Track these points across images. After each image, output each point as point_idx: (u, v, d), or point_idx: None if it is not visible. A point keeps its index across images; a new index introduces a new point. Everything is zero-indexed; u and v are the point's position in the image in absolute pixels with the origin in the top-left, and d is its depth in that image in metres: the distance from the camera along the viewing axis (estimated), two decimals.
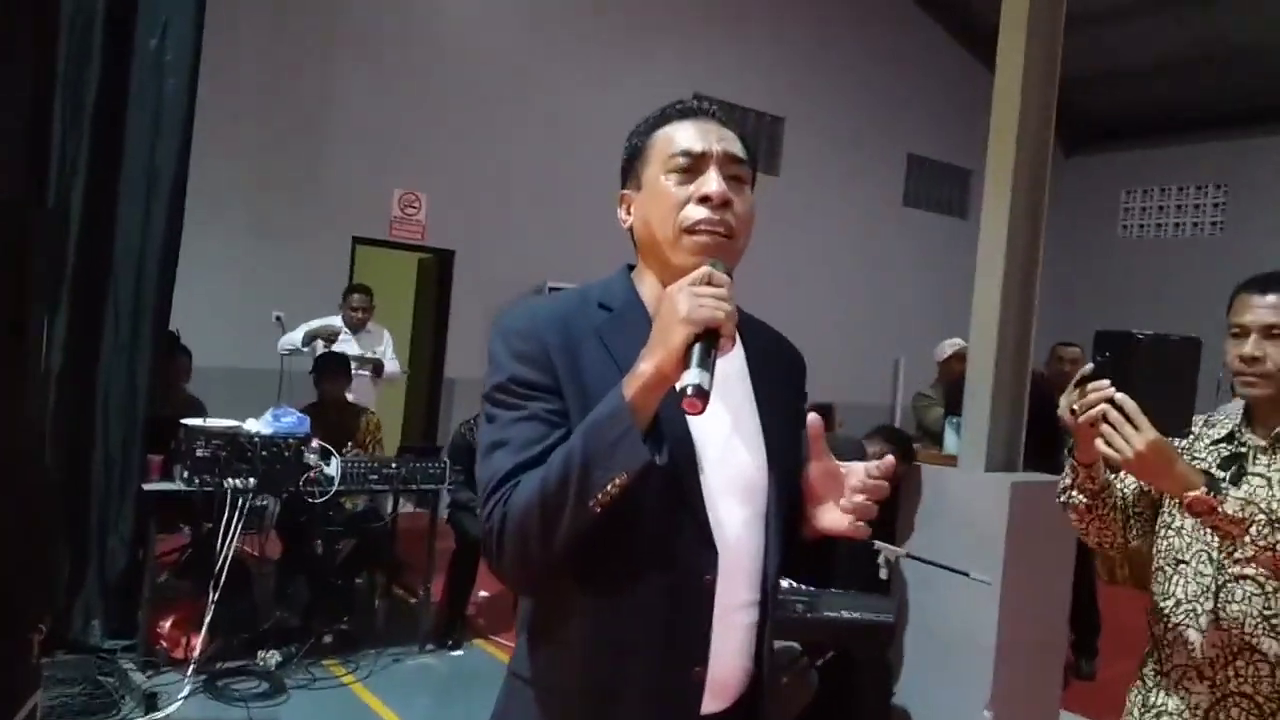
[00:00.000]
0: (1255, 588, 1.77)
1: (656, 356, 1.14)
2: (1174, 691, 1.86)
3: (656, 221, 1.30)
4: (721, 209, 1.27)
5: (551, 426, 1.23)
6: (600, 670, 1.26)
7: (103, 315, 4.30)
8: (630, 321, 1.31)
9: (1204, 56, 10.75)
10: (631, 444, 1.13)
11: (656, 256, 1.33)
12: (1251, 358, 1.81)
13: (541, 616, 1.32)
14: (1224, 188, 11.82)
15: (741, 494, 1.31)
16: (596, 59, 9.06)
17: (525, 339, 1.27)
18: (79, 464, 4.26)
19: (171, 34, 4.33)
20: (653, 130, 1.36)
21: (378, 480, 4.63)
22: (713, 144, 1.31)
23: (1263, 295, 1.82)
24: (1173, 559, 1.90)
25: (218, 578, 4.03)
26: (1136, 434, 1.59)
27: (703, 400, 1.09)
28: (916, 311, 10.93)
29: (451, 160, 8.28)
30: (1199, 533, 1.84)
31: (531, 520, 1.17)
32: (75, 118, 4.14)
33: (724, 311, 1.13)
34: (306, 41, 7.63)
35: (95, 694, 3.83)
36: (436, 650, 4.78)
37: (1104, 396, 1.63)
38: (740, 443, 1.33)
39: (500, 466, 1.22)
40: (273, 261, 7.49)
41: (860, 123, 11.09)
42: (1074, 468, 1.86)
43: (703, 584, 1.26)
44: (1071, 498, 1.92)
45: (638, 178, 1.36)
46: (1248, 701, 1.77)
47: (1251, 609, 1.77)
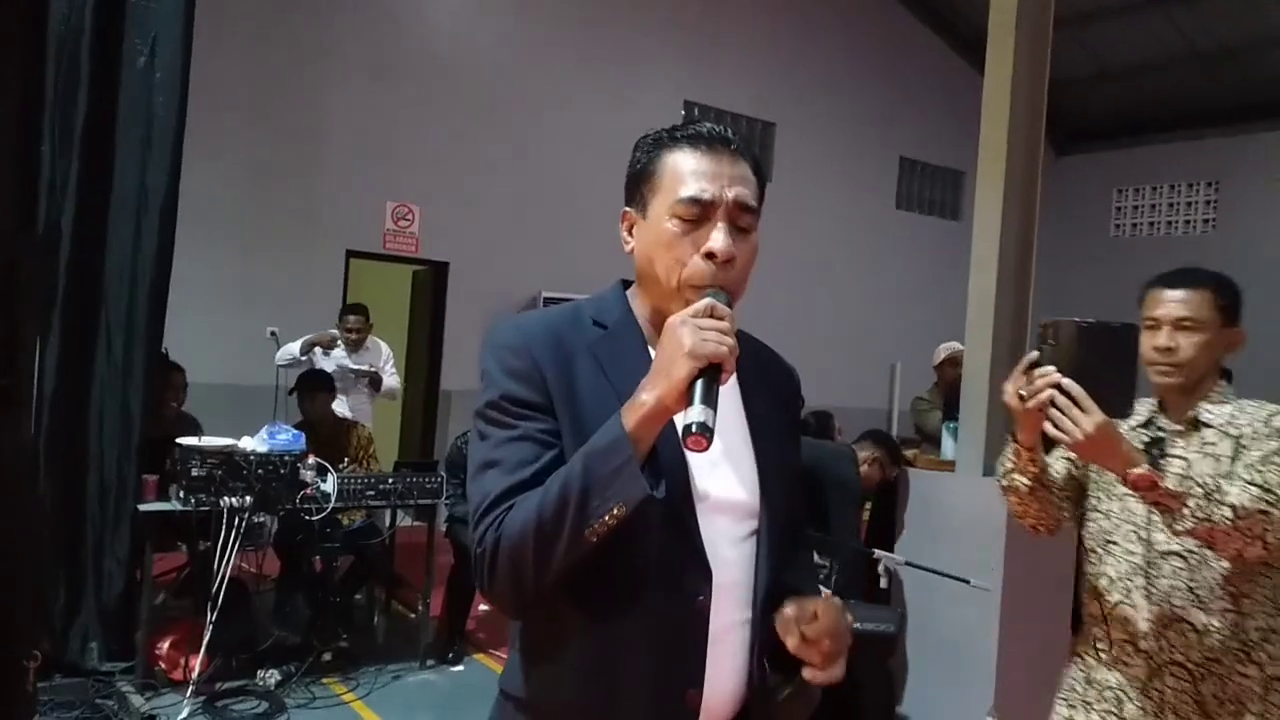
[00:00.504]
0: (1181, 563, 1.90)
1: (659, 388, 1.13)
2: (1114, 667, 1.98)
3: (660, 267, 1.27)
4: (725, 266, 1.25)
5: (544, 447, 1.22)
6: (594, 692, 1.25)
7: (95, 336, 4.28)
8: (624, 341, 1.31)
9: (1193, 54, 10.79)
10: (631, 475, 1.12)
11: (655, 294, 1.31)
12: (1165, 348, 1.94)
13: (534, 636, 1.31)
14: (1215, 185, 11.85)
15: (734, 516, 1.30)
16: (588, 69, 9.07)
17: (518, 355, 1.26)
18: (74, 486, 4.24)
19: (160, 52, 4.32)
20: (662, 149, 1.30)
21: (375, 496, 4.61)
22: (724, 190, 1.26)
23: (1173, 290, 1.97)
24: (1102, 540, 2.03)
25: (215, 597, 4.00)
26: (1085, 417, 1.68)
27: (708, 438, 1.09)
28: (912, 315, 10.93)
29: (444, 172, 8.28)
30: (1126, 514, 1.98)
31: (526, 546, 1.16)
32: (65, 139, 4.13)
33: (727, 346, 1.13)
34: (296, 56, 7.62)
35: (94, 718, 3.81)
36: (437, 666, 4.76)
37: (1051, 382, 1.72)
38: (732, 465, 1.32)
39: (492, 488, 1.21)
40: (266, 277, 7.48)
41: (851, 127, 11.10)
42: (1016, 451, 1.95)
43: (696, 605, 1.25)
44: (1013, 480, 2.00)
45: (644, 202, 1.31)
46: (1181, 669, 1.89)
47: (1179, 582, 1.89)
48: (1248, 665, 1.86)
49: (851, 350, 10.71)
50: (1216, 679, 1.87)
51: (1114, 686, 1.98)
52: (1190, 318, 1.94)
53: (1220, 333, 1.96)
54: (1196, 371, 1.95)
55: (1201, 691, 1.88)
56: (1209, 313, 1.95)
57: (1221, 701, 1.87)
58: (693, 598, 1.25)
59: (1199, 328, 1.94)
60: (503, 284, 8.34)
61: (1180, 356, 1.94)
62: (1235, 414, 1.94)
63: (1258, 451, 1.84)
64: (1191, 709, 1.89)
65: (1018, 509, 2.06)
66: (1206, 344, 1.94)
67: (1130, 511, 1.98)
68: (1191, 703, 1.89)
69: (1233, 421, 1.93)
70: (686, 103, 9.83)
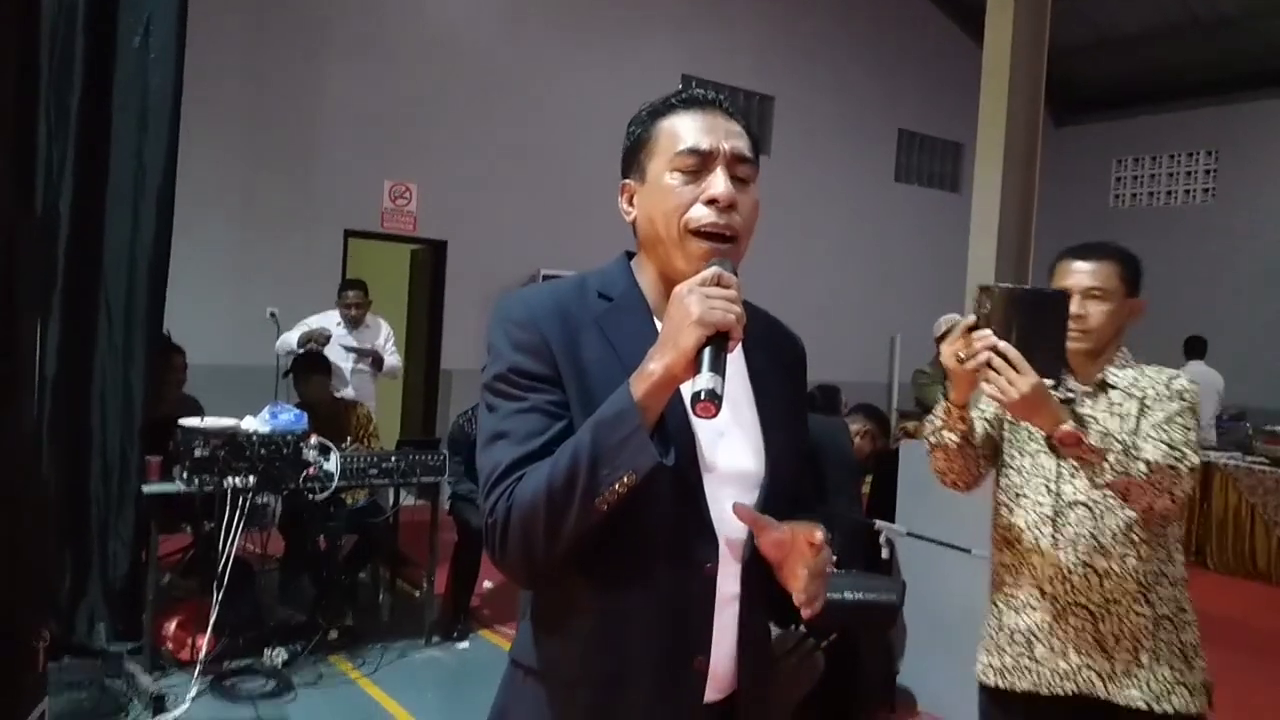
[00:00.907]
0: (1086, 512, 2.07)
1: (667, 357, 1.14)
2: (1023, 611, 2.14)
3: (660, 219, 1.28)
4: (727, 211, 1.26)
5: (553, 419, 1.23)
6: (606, 660, 1.27)
7: (95, 318, 4.28)
8: (630, 312, 1.32)
9: (1192, 23, 10.72)
10: (640, 444, 1.13)
11: (659, 253, 1.32)
12: (1076, 315, 2.06)
13: (545, 607, 1.32)
14: (1214, 154, 11.81)
15: (740, 485, 1.31)
16: (585, 44, 9.01)
17: (525, 328, 1.26)
18: (78, 468, 4.25)
19: (155, 31, 4.28)
20: (656, 119, 1.33)
21: (378, 474, 4.63)
22: (720, 142, 1.28)
23: (1083, 261, 2.12)
24: (1013, 494, 2.18)
25: (221, 577, 4.02)
26: (1020, 378, 1.83)
27: (716, 405, 1.10)
28: (912, 287, 10.92)
29: (442, 150, 8.24)
30: (1036, 469, 2.15)
31: (537, 516, 1.17)
32: (61, 121, 4.11)
33: (735, 314, 1.14)
34: (293, 33, 7.58)
35: (103, 698, 3.83)
36: (442, 643, 4.79)
37: (988, 345, 1.85)
38: (738, 434, 1.33)
39: (502, 458, 1.22)
40: (265, 257, 7.47)
41: (850, 99, 11.05)
42: (948, 409, 2.10)
43: (705, 573, 1.27)
44: (943, 437, 2.14)
45: (641, 170, 1.33)
46: (1084, 610, 2.06)
47: (1083, 530, 2.07)
48: (1143, 605, 2.04)
49: (851, 323, 10.71)
50: (1115, 619, 2.05)
51: (1024, 630, 2.13)
52: (1098, 287, 2.09)
53: (1124, 302, 2.12)
54: (1104, 337, 2.11)
55: (1101, 630, 2.05)
56: (1115, 283, 2.11)
57: (1119, 639, 2.04)
58: (701, 566, 1.27)
59: (1106, 296, 2.10)
60: (502, 262, 8.33)
61: (1090, 323, 2.08)
62: (1137, 377, 2.12)
63: (1161, 413, 2.03)
64: (1092, 646, 2.06)
65: (941, 465, 2.20)
66: (1112, 312, 2.10)
67: (1040, 466, 2.14)
68: (1092, 641, 2.06)
69: (1135, 384, 2.10)
70: (684, 76, 9.77)
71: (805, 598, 1.25)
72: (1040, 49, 4.20)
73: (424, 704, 4.11)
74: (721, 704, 1.32)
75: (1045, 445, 2.14)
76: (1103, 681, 2.05)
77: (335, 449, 4.47)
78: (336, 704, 4.07)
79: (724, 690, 1.32)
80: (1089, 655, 2.06)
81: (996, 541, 2.24)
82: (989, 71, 4.17)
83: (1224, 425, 8.82)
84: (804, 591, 1.25)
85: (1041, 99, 4.25)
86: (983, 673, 2.21)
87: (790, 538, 1.26)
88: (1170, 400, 2.05)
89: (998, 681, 2.17)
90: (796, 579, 1.25)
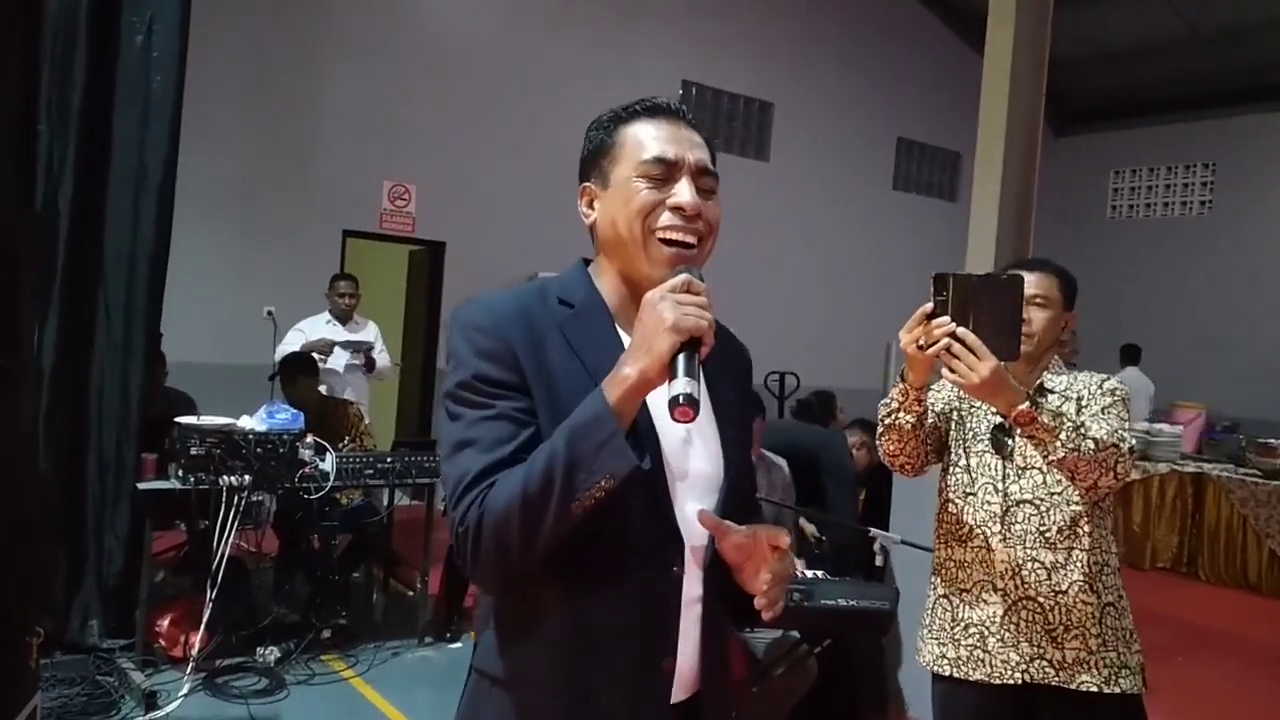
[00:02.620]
0: (1033, 510, 2.20)
1: (641, 362, 1.15)
2: (975, 605, 2.24)
3: (624, 221, 1.29)
4: (693, 220, 1.28)
5: (521, 426, 1.23)
6: (575, 665, 1.27)
7: (94, 315, 4.28)
8: (592, 319, 1.33)
9: (1192, 36, 10.77)
10: (618, 448, 1.14)
11: (620, 255, 1.33)
12: (1022, 320, 2.13)
13: (511, 614, 1.31)
14: (1211, 166, 11.85)
15: (701, 489, 1.33)
16: (584, 48, 9.03)
17: (488, 335, 1.26)
18: (74, 464, 4.25)
19: (157, 30, 4.29)
20: (619, 125, 1.34)
21: (373, 475, 4.64)
22: (686, 153, 1.30)
23: (1029, 273, 2.23)
24: (962, 492, 2.30)
25: (215, 575, 4.02)
26: (979, 362, 1.91)
27: (694, 409, 1.11)
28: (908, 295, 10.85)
29: (440, 151, 8.25)
30: (983, 468, 2.27)
31: (511, 522, 1.17)
32: (62, 118, 4.11)
33: (707, 320, 1.16)
34: (293, 34, 7.59)
35: (95, 694, 3.83)
36: (435, 643, 4.79)
37: (947, 331, 1.93)
38: (699, 439, 1.34)
39: (471, 466, 1.21)
40: (263, 256, 7.47)
41: (849, 107, 11.08)
42: (905, 392, 2.18)
43: (671, 576, 1.29)
44: (898, 418, 2.23)
45: (604, 174, 1.34)
46: (1033, 603, 2.18)
47: (1030, 528, 2.19)
48: (1089, 595, 2.16)
49: (847, 331, 10.72)
50: (1063, 609, 2.16)
51: (977, 623, 2.23)
52: (1042, 295, 2.26)
53: (1062, 313, 2.30)
54: (1044, 342, 2.27)
55: (1051, 620, 2.17)
56: (1056, 294, 2.29)
57: (1068, 628, 2.16)
58: (668, 569, 1.29)
59: (1048, 304, 2.27)
60: (499, 263, 8.33)
61: (1033, 328, 2.24)
62: (1071, 381, 2.28)
63: (1097, 405, 2.19)
64: (1043, 637, 2.17)
65: (893, 448, 2.29)
66: (1053, 319, 2.27)
67: (987, 465, 2.27)
68: (1043, 631, 2.17)
69: (1070, 387, 2.27)
70: (685, 82, 9.80)
71: (766, 601, 1.27)
72: (1041, 60, 4.21)
73: (416, 704, 4.11)
74: (686, 704, 1.33)
75: (990, 445, 2.28)
76: (1054, 670, 2.16)
77: (331, 449, 4.48)
78: (329, 703, 4.07)
79: (688, 690, 1.33)
80: (1040, 646, 2.17)
81: (943, 536, 2.35)
82: (989, 81, 4.18)
83: (1216, 437, 8.85)
84: (765, 595, 1.27)
85: (1041, 110, 4.26)
86: (935, 663, 2.31)
87: (751, 542, 1.28)
88: (1104, 396, 2.21)
89: (952, 671, 2.27)
90: (757, 582, 1.28)
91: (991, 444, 2.27)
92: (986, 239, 4.10)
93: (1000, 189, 4.09)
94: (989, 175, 4.14)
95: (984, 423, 2.30)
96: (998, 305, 1.95)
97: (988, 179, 4.14)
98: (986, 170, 4.16)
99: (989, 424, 2.29)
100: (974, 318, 1.93)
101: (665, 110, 1.34)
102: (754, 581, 1.29)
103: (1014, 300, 1.98)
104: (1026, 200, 4.18)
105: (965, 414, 2.35)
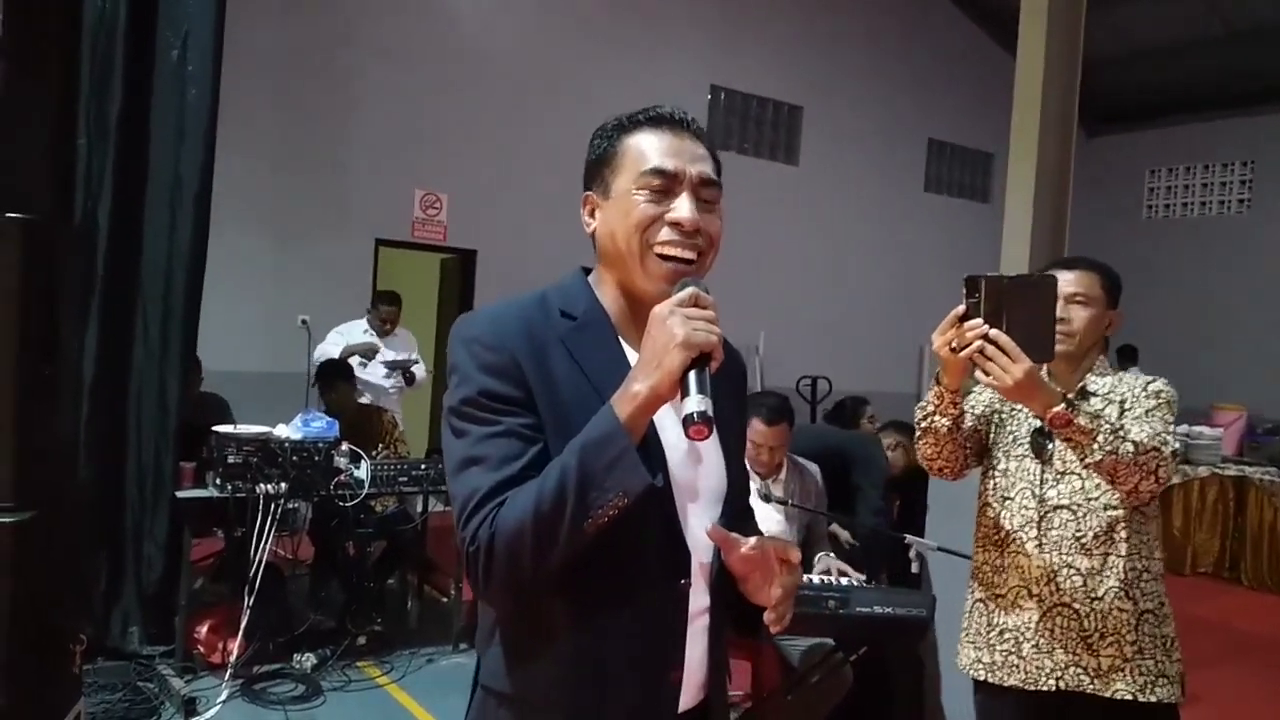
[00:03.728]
0: (1070, 515, 2.18)
1: (652, 378, 1.14)
2: (1011, 611, 2.23)
3: (622, 234, 1.28)
4: (691, 236, 1.26)
5: (529, 442, 1.21)
6: (585, 681, 1.26)
7: (133, 326, 4.34)
8: (594, 331, 1.31)
9: (1228, 34, 10.60)
10: (630, 466, 1.13)
11: (619, 269, 1.31)
12: (1061, 319, 2.17)
13: (518, 630, 1.29)
14: (1250, 165, 11.66)
15: (706, 501, 1.33)
16: (614, 54, 9.05)
17: (492, 350, 1.24)
18: (113, 473, 4.31)
19: (192, 44, 4.36)
20: (623, 134, 1.32)
21: (407, 482, 4.66)
22: (687, 165, 1.28)
23: (1069, 270, 2.24)
24: (1000, 496, 2.28)
25: (252, 582, 4.06)
26: (1013, 364, 1.89)
27: (709, 426, 1.11)
28: (941, 298, 10.80)
29: (472, 160, 8.30)
30: (1022, 473, 2.25)
31: (524, 541, 1.15)
32: (100, 132, 4.18)
33: (717, 335, 1.15)
34: (325, 46, 7.67)
35: (136, 700, 3.88)
36: (469, 650, 4.80)
37: (980, 334, 1.91)
38: (702, 451, 1.33)
39: (480, 484, 1.19)
40: (297, 265, 7.55)
41: (879, 109, 11.02)
42: (940, 394, 2.17)
43: (679, 588, 1.28)
44: (934, 422, 2.21)
45: (605, 184, 1.32)
46: (1068, 610, 2.16)
47: (1066, 533, 2.17)
48: (1125, 602, 2.14)
49: (880, 334, 10.66)
50: (1099, 616, 2.14)
51: (1012, 629, 2.22)
52: (1082, 293, 2.22)
53: (1105, 311, 2.25)
54: (1085, 342, 2.23)
55: (1086, 627, 2.14)
56: (1098, 291, 2.24)
57: (1104, 636, 2.14)
58: (676, 582, 1.28)
59: (1089, 303, 2.23)
60: (530, 271, 8.27)
61: (1073, 326, 2.21)
62: (1115, 384, 2.24)
63: (1141, 408, 2.16)
64: (1078, 644, 2.15)
65: (930, 451, 2.27)
66: (1094, 318, 2.23)
67: (1026, 470, 2.25)
68: (1078, 639, 2.15)
69: (1114, 389, 2.23)
70: (713, 87, 9.80)
71: (775, 616, 1.27)
72: (1074, 59, 4.16)
73: (451, 710, 4.11)
74: (692, 712, 1.33)
75: (1030, 449, 2.25)
76: (1090, 678, 2.14)
77: (366, 457, 4.51)
78: (365, 709, 4.09)
79: (694, 699, 1.33)
80: (1075, 653, 2.15)
81: (981, 541, 2.33)
82: (1021, 82, 4.14)
83: (1258, 439, 8.70)
84: (774, 610, 1.27)
85: (1075, 110, 4.21)
86: (971, 668, 2.31)
87: (759, 554, 1.27)
88: (1148, 399, 2.17)
89: (987, 676, 2.26)
90: (766, 595, 1.28)
91: (1031, 448, 2.24)
92: (1021, 241, 4.06)
93: (1034, 190, 4.04)
94: (1023, 176, 4.10)
95: (1024, 426, 2.28)
96: (1031, 306, 1.93)
97: (1021, 180, 4.10)
98: (1020, 171, 4.12)
99: (1029, 427, 2.26)
100: (1007, 319, 1.91)
101: (669, 120, 1.32)
102: (760, 593, 1.28)
103: (1047, 301, 1.96)
104: (1061, 201, 4.13)
105: (1006, 417, 2.33)
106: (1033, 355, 1.90)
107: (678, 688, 1.29)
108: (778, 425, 3.48)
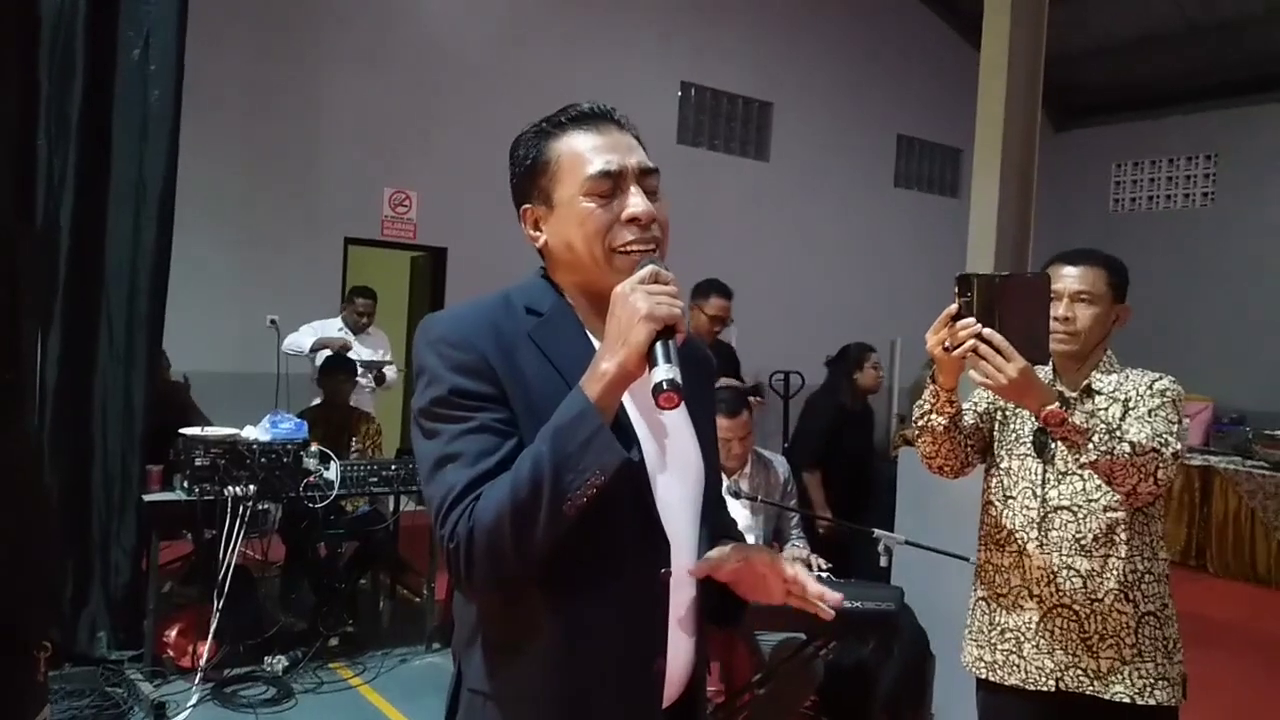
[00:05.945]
0: (1070, 516, 2.16)
1: (619, 355, 1.15)
2: (1012, 611, 2.22)
3: (582, 244, 1.28)
4: (648, 227, 1.27)
5: (503, 437, 1.21)
6: (570, 673, 1.26)
7: (97, 328, 4.29)
8: (562, 325, 1.32)
9: (1191, 28, 10.73)
10: (605, 443, 1.14)
11: (581, 273, 1.32)
12: (1064, 318, 2.16)
13: (500, 628, 1.30)
14: (1213, 158, 11.80)
15: (682, 486, 1.34)
16: (583, 52, 9.03)
17: (461, 349, 1.24)
18: (79, 477, 4.26)
19: (154, 44, 4.30)
20: (549, 139, 1.32)
21: (378, 482, 4.64)
22: (627, 160, 1.28)
23: (1072, 266, 2.21)
24: (1002, 495, 2.26)
25: (221, 585, 4.03)
26: (1007, 364, 1.87)
27: (679, 394, 1.12)
28: (911, 292, 10.91)
29: (440, 158, 8.26)
30: (1023, 472, 2.22)
31: (502, 531, 1.15)
32: (61, 132, 4.13)
33: (679, 308, 1.17)
34: (291, 44, 7.59)
35: (104, 705, 3.84)
36: (443, 650, 4.78)
37: (973, 333, 1.89)
38: (673, 427, 1.34)
39: (456, 480, 1.18)
40: (265, 265, 7.48)
41: (848, 105, 11.05)
42: (935, 394, 2.16)
43: (659, 576, 1.29)
44: (931, 421, 2.20)
45: (546, 195, 1.32)
46: (1068, 611, 2.14)
47: (1067, 534, 2.15)
48: (1125, 604, 2.12)
49: (852, 329, 10.64)
50: (1099, 617, 2.12)
51: (1013, 628, 2.21)
52: (1087, 291, 2.18)
53: (1111, 307, 2.22)
54: (1090, 340, 2.19)
55: (1086, 629, 2.13)
56: (1103, 288, 2.20)
57: (1103, 638, 2.12)
58: (656, 569, 1.29)
59: (1094, 300, 2.18)
60: (502, 267, 8.19)
61: (1077, 325, 2.17)
62: (1121, 381, 2.20)
63: (1144, 407, 2.12)
64: (1078, 646, 2.14)
65: (929, 449, 2.25)
66: (1099, 315, 2.19)
67: (1027, 469, 2.22)
68: (1078, 640, 2.13)
69: (1119, 388, 2.19)
70: (683, 83, 9.80)
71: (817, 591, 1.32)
72: (1038, 54, 4.21)
73: (424, 710, 4.10)
74: (676, 706, 1.34)
75: (1032, 448, 2.22)
76: (1089, 679, 2.13)
77: (335, 457, 4.49)
78: (337, 711, 4.08)
79: (677, 690, 1.34)
80: (1075, 654, 2.14)
81: (984, 539, 2.32)
82: (986, 77, 4.18)
83: (1223, 429, 8.83)
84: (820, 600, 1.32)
85: (1039, 104, 4.25)
86: (973, 666, 2.30)
87: (744, 566, 1.33)
88: (1153, 398, 2.13)
89: (989, 675, 2.25)
90: (766, 595, 1.33)
91: (1033, 446, 2.22)
92: (987, 235, 4.10)
93: (1000, 184, 4.09)
94: (989, 171, 4.14)
95: (1026, 425, 2.25)
96: (1024, 305, 1.90)
97: (987, 175, 4.14)
98: (986, 166, 4.16)
99: (1031, 426, 2.23)
100: (1000, 318, 1.88)
101: (594, 115, 1.33)
102: (757, 595, 1.34)
103: (1040, 299, 1.93)
104: (1027, 195, 4.18)
105: (1009, 415, 2.30)
106: (1026, 354, 1.88)
107: (661, 677, 1.30)
108: (738, 416, 3.54)
